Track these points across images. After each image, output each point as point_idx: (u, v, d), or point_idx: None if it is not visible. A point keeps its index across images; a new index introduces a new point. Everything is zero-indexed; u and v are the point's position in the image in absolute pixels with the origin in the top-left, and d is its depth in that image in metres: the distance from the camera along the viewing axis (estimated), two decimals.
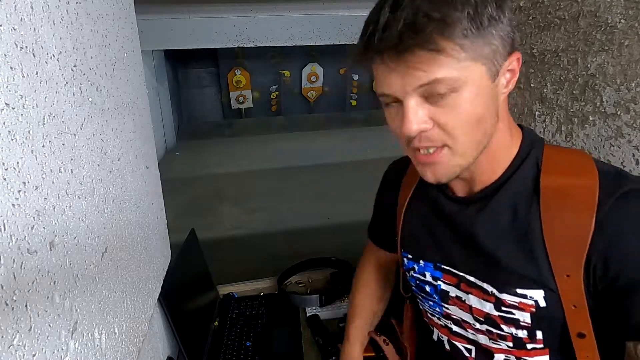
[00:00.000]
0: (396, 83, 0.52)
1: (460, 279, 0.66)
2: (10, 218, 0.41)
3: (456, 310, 0.68)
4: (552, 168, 0.58)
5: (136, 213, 0.83)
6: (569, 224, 0.54)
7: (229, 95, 8.43)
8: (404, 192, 0.77)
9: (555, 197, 0.56)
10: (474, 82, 0.51)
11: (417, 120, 0.52)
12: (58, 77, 0.53)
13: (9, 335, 0.40)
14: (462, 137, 0.54)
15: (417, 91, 0.51)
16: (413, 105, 0.52)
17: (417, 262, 0.73)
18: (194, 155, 6.70)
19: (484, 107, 0.53)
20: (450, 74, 0.49)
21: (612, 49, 0.84)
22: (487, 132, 0.56)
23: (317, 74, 8.44)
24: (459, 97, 0.51)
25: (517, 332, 0.61)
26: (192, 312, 1.15)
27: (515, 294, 0.58)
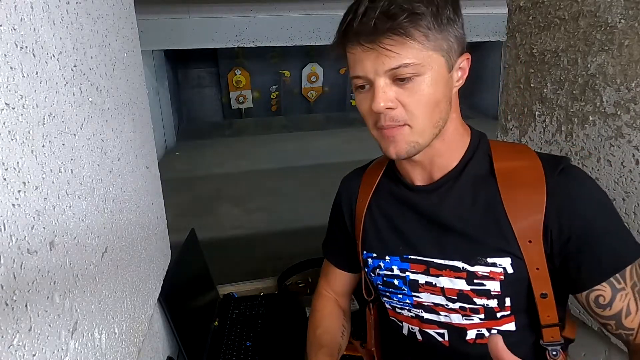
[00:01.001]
0: (369, 65, 0.59)
1: (429, 265, 0.70)
2: (10, 218, 0.41)
3: (427, 296, 0.71)
4: (501, 155, 0.69)
5: (136, 213, 0.83)
6: (526, 197, 0.64)
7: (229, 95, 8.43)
8: (362, 197, 0.80)
9: (509, 177, 0.66)
10: (434, 70, 0.60)
11: (385, 99, 0.60)
12: (58, 77, 0.53)
13: (9, 335, 0.40)
14: (421, 117, 0.62)
15: (387, 74, 0.59)
16: (382, 85, 0.60)
17: (382, 259, 0.75)
18: (194, 155, 6.70)
19: (441, 93, 0.62)
20: (416, 59, 0.58)
21: (612, 49, 0.84)
22: (442, 117, 0.64)
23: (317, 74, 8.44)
24: (421, 81, 0.60)
25: (489, 302, 0.67)
26: (192, 312, 1.15)
27: (486, 263, 0.65)
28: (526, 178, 0.65)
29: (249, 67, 8.25)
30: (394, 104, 0.60)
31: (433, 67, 0.60)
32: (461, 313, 0.69)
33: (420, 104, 0.61)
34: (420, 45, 0.58)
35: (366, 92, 0.63)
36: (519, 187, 0.65)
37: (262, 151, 6.79)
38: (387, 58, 0.58)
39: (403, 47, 0.57)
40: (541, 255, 0.63)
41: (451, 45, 0.61)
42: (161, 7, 5.18)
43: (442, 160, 0.69)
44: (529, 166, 0.66)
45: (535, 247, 0.63)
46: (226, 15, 5.50)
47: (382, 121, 0.62)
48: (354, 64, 0.62)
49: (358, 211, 0.80)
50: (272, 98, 8.68)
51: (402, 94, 0.60)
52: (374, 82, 0.60)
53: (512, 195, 0.65)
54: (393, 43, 0.57)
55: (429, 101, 0.61)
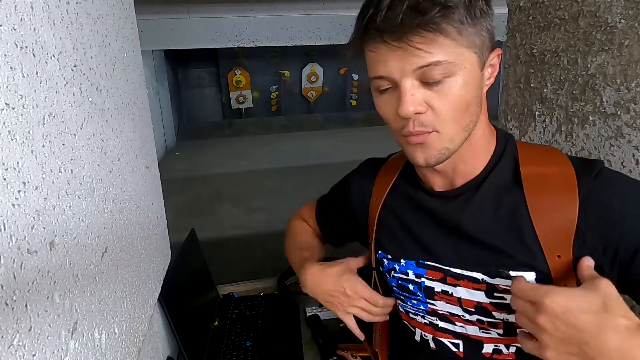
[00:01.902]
0: (395, 65, 0.54)
1: (446, 273, 0.66)
2: (10, 218, 0.41)
3: (443, 305, 0.68)
4: (529, 160, 0.63)
5: (136, 213, 0.83)
6: (555, 206, 0.58)
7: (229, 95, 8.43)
8: (377, 194, 0.76)
9: (537, 183, 0.60)
10: (467, 69, 0.54)
11: (414, 102, 0.54)
12: (58, 77, 0.53)
13: (9, 335, 0.40)
14: (451, 122, 0.56)
15: (415, 73, 0.53)
16: (410, 87, 0.54)
17: (397, 262, 0.72)
18: (194, 155, 6.70)
19: (473, 93, 0.56)
20: (448, 57, 0.52)
21: (612, 49, 0.84)
22: (473, 119, 0.59)
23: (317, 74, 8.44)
24: (452, 82, 0.54)
25: (509, 317, 0.62)
26: (192, 312, 1.15)
27: (508, 277, 0.60)
28: (556, 184, 0.59)
29: (249, 67, 8.25)
30: (423, 107, 0.55)
31: (465, 65, 0.54)
32: (478, 326, 0.65)
33: (451, 107, 0.55)
34: (453, 41, 0.52)
35: (390, 94, 0.57)
36: (547, 195, 0.59)
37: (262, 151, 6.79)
38: (415, 57, 0.52)
39: (434, 45, 0.51)
40: (571, 271, 0.57)
41: (484, 41, 0.55)
42: (161, 7, 5.18)
43: (466, 167, 0.64)
44: (559, 172, 0.59)
45: (564, 262, 0.57)
46: (226, 15, 5.50)
47: (411, 127, 0.56)
48: (375, 64, 0.56)
49: (372, 209, 0.76)
50: (272, 98, 8.68)
51: (432, 97, 0.54)
52: (400, 84, 0.54)
53: (539, 205, 0.59)
54: (423, 40, 0.51)
55: (460, 104, 0.55)
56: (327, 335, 1.13)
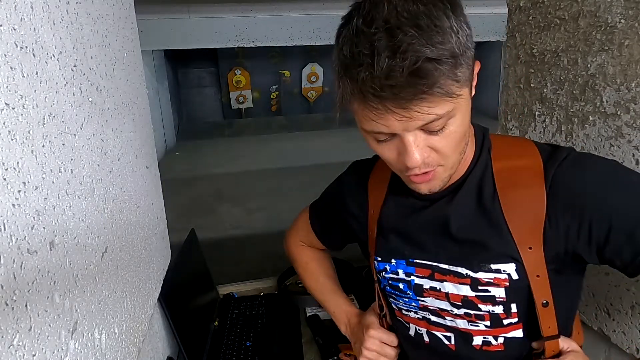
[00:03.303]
0: (396, 124, 0.52)
1: (433, 269, 0.69)
2: (10, 218, 0.41)
3: (432, 301, 0.70)
4: (500, 154, 0.66)
5: (136, 213, 0.83)
6: (524, 200, 0.61)
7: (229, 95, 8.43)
8: (373, 208, 0.77)
9: (507, 178, 0.63)
10: (463, 105, 0.54)
11: (420, 153, 0.54)
12: (58, 77, 0.53)
13: (9, 335, 0.40)
14: (453, 156, 0.58)
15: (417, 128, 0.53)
16: (414, 140, 0.54)
17: (388, 262, 0.74)
18: (194, 155, 6.70)
19: (467, 120, 0.57)
20: (449, 107, 0.51)
21: (612, 49, 0.84)
22: (467, 140, 0.61)
23: (317, 74, 8.44)
24: (453, 123, 0.54)
25: (494, 308, 0.65)
26: (192, 312, 1.15)
27: (490, 270, 0.63)
28: (524, 179, 0.61)
29: (249, 67, 8.25)
30: (427, 152, 0.55)
31: (462, 103, 0.53)
32: (466, 319, 0.68)
33: (453, 144, 0.56)
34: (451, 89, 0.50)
35: (389, 143, 0.56)
36: (516, 189, 0.62)
37: (262, 151, 6.79)
38: (420, 116, 0.50)
39: (440, 105, 0.50)
40: (541, 261, 0.61)
41: (472, 68, 0.54)
42: (161, 7, 5.17)
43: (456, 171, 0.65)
44: (527, 165, 0.62)
45: (535, 253, 0.60)
46: (226, 15, 5.49)
47: (417, 171, 0.57)
48: (371, 120, 0.53)
49: (370, 222, 0.78)
50: (272, 98, 8.67)
51: (434, 140, 0.54)
52: (403, 138, 0.54)
53: (509, 199, 0.62)
54: (428, 104, 0.49)
55: (461, 135, 0.56)
56: (327, 335, 1.13)
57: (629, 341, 0.87)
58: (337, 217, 0.87)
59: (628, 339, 0.87)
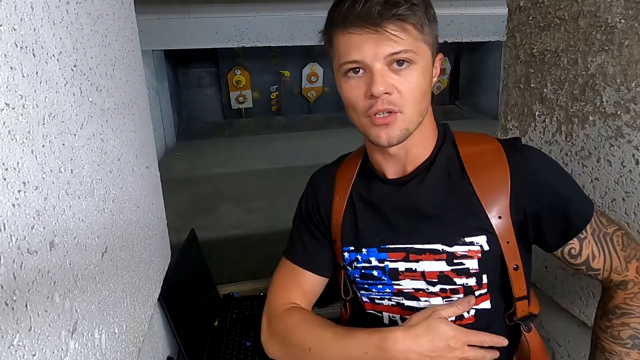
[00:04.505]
0: (368, 49, 0.62)
1: (408, 251, 0.73)
2: (10, 218, 0.41)
3: (408, 283, 0.73)
4: (464, 142, 0.75)
5: (136, 213, 0.83)
6: (491, 176, 0.70)
7: (229, 95, 8.42)
8: (339, 194, 0.81)
9: (474, 160, 0.72)
10: (424, 60, 0.65)
11: (384, 83, 0.63)
12: (58, 77, 0.53)
13: (9, 335, 0.40)
14: (412, 104, 0.65)
15: (385, 59, 0.62)
16: (381, 70, 0.63)
17: (359, 252, 0.77)
18: (194, 155, 6.69)
19: (428, 83, 0.67)
20: (413, 47, 0.63)
21: (612, 49, 0.84)
22: (426, 107, 0.69)
23: (317, 74, 8.43)
24: (414, 69, 0.64)
25: (468, 280, 0.70)
26: (192, 312, 1.15)
27: (464, 243, 0.69)
28: (490, 160, 0.71)
29: (249, 67, 8.24)
30: (391, 89, 0.63)
31: (424, 57, 0.65)
32: (441, 295, 0.72)
33: (413, 90, 0.65)
34: (417, 33, 0.63)
35: (359, 78, 0.65)
36: (484, 168, 0.71)
37: (262, 151, 6.78)
38: (389, 43, 0.61)
39: (404, 33, 0.62)
40: (510, 229, 0.69)
41: (434, 42, 0.67)
42: (161, 7, 5.17)
43: (417, 151, 0.73)
44: (490, 149, 0.72)
45: (504, 222, 0.69)
46: (226, 15, 5.49)
47: (379, 106, 0.64)
48: (348, 49, 0.64)
49: (336, 209, 0.80)
50: (272, 98, 8.67)
51: (397, 80, 0.64)
52: (372, 67, 0.63)
53: (479, 177, 0.70)
54: (396, 29, 0.61)
55: (419, 89, 0.65)
56: None
57: None
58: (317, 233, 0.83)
59: None
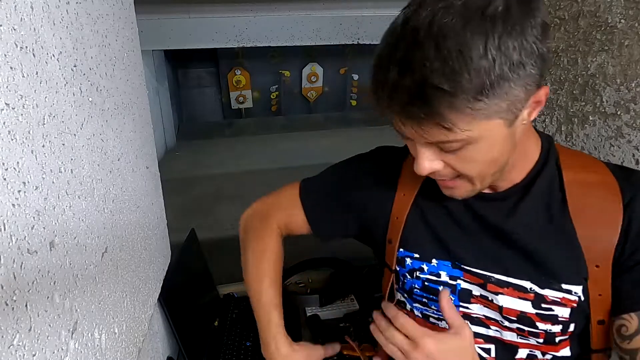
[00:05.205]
0: (410, 133, 0.51)
1: (487, 279, 0.63)
2: (10, 218, 0.41)
3: (480, 309, 0.65)
4: (571, 166, 0.61)
5: (136, 213, 0.83)
6: (597, 216, 0.57)
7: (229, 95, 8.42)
8: (404, 189, 0.71)
9: (580, 191, 0.58)
10: (490, 136, 0.50)
11: (430, 165, 0.53)
12: (58, 77, 0.53)
13: (9, 335, 0.40)
14: (477, 176, 0.55)
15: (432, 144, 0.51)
16: (426, 152, 0.53)
17: (427, 262, 0.67)
18: (194, 155, 6.70)
19: (501, 151, 0.53)
20: (465, 134, 0.48)
21: (612, 49, 0.84)
22: (503, 164, 0.56)
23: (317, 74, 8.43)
24: (474, 149, 0.50)
25: (552, 327, 0.60)
26: (192, 312, 1.15)
27: (560, 289, 0.58)
28: (599, 195, 0.57)
29: (249, 67, 8.24)
30: (440, 166, 0.53)
31: (487, 134, 0.49)
32: (517, 332, 0.63)
33: (475, 169, 0.53)
34: (469, 120, 0.47)
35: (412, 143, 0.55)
36: (590, 204, 0.57)
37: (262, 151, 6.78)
38: (428, 137, 0.50)
39: (445, 132, 0.48)
40: (607, 280, 0.57)
41: (514, 99, 0.47)
42: (161, 7, 5.17)
43: (513, 171, 0.60)
44: (602, 181, 0.58)
45: (602, 272, 0.57)
46: (226, 15, 5.49)
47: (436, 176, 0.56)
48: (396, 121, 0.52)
49: (400, 205, 0.70)
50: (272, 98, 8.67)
51: (451, 159, 0.52)
52: (417, 147, 0.53)
53: (582, 214, 0.57)
54: (432, 130, 0.48)
55: (484, 163, 0.53)
56: (327, 336, 1.13)
57: None
58: (345, 201, 0.77)
59: None
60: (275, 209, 0.84)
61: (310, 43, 5.92)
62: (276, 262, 0.82)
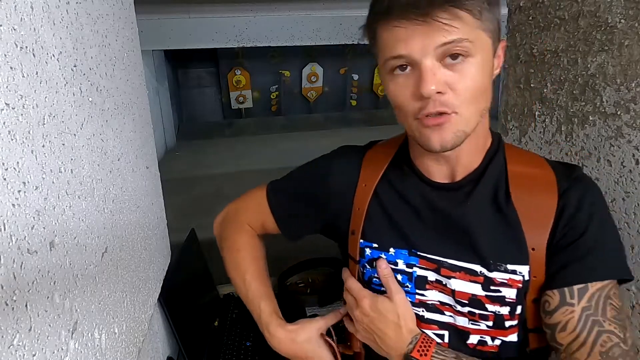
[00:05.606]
0: (417, 42, 0.54)
1: (440, 264, 0.67)
2: (10, 218, 0.41)
3: (435, 294, 0.68)
4: (515, 160, 0.67)
5: (136, 213, 0.83)
6: (537, 204, 0.63)
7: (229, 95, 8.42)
8: (365, 181, 0.74)
9: (522, 183, 0.65)
10: (483, 51, 0.56)
11: (436, 81, 0.54)
12: (58, 77, 0.53)
13: (9, 335, 0.40)
14: (470, 103, 0.57)
15: (436, 52, 0.54)
16: (431, 66, 0.54)
17: (385, 251, 0.70)
18: (194, 155, 6.70)
19: (488, 78, 0.58)
20: (469, 36, 0.53)
21: (612, 49, 0.84)
22: (487, 106, 0.61)
23: (317, 74, 8.43)
24: (472, 63, 0.55)
25: (501, 309, 0.64)
26: (192, 312, 1.15)
27: (506, 270, 0.63)
28: (538, 187, 0.64)
29: (249, 67, 8.25)
30: (444, 88, 0.55)
31: (483, 48, 0.56)
32: (468, 317, 0.66)
33: (471, 87, 0.56)
34: (474, 21, 0.54)
35: (406, 77, 0.57)
36: (531, 195, 0.64)
37: (262, 151, 6.79)
38: (440, 32, 0.52)
39: (458, 21, 0.53)
40: (542, 263, 0.62)
41: (496, 28, 0.58)
42: (161, 7, 5.18)
43: (468, 157, 0.66)
44: (541, 175, 0.65)
45: (538, 255, 0.62)
46: (226, 15, 5.50)
47: (431, 108, 0.56)
48: (394, 43, 0.55)
49: (360, 196, 0.73)
50: (272, 98, 8.67)
51: (452, 77, 0.55)
52: (421, 63, 0.54)
53: (524, 203, 0.63)
54: (448, 16, 0.52)
55: (478, 86, 0.56)
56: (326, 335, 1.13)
57: None
58: (310, 199, 0.80)
59: None
60: (244, 211, 0.89)
61: (310, 43, 5.92)
62: (254, 256, 0.86)
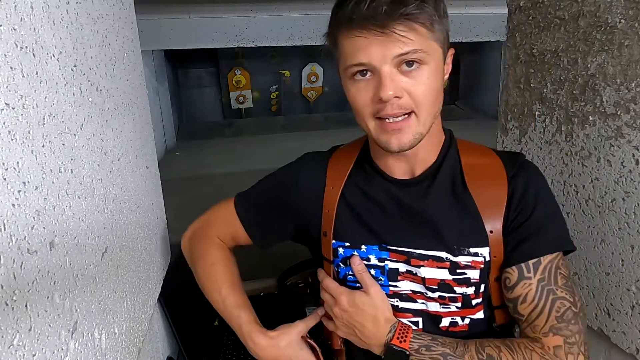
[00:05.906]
0: (376, 51, 0.59)
1: (409, 255, 0.71)
2: (10, 218, 0.41)
3: (407, 285, 0.72)
4: (467, 153, 0.74)
5: (136, 213, 0.83)
6: (490, 192, 0.70)
7: (229, 95, 8.41)
8: (332, 184, 0.77)
9: (475, 173, 0.72)
10: (435, 59, 0.62)
11: (393, 87, 0.60)
12: (58, 77, 0.53)
13: (9, 335, 0.40)
14: (426, 106, 0.63)
15: (393, 61, 0.60)
16: (389, 72, 0.60)
17: (357, 248, 0.74)
18: (194, 155, 6.69)
19: (439, 83, 0.65)
20: (423, 47, 0.60)
21: (612, 49, 0.84)
22: (439, 108, 0.67)
23: (317, 74, 8.43)
24: (425, 70, 0.61)
25: (467, 290, 0.70)
26: (192, 312, 1.15)
27: (469, 253, 0.69)
28: (490, 175, 0.71)
29: (249, 67, 8.24)
30: (401, 92, 0.61)
31: (435, 56, 0.62)
32: (439, 302, 0.71)
33: (426, 92, 0.62)
34: (427, 32, 0.60)
35: (367, 80, 0.63)
36: (484, 183, 0.70)
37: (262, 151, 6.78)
38: (397, 44, 0.58)
39: (413, 33, 0.59)
40: (500, 244, 0.69)
41: (445, 38, 0.64)
42: (161, 7, 5.17)
43: (425, 154, 0.72)
44: (491, 164, 0.72)
45: (495, 237, 0.69)
46: (226, 15, 5.49)
47: (389, 110, 0.62)
48: (354, 51, 0.61)
49: (328, 199, 0.76)
50: (272, 98, 8.66)
51: (408, 83, 0.61)
52: (380, 70, 0.60)
53: (479, 191, 0.70)
54: (405, 29, 0.58)
55: (432, 90, 0.63)
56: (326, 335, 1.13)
57: (629, 341, 0.87)
58: (280, 207, 0.82)
59: (628, 339, 0.87)
60: (213, 225, 0.89)
61: (310, 43, 5.91)
62: (227, 268, 0.87)
